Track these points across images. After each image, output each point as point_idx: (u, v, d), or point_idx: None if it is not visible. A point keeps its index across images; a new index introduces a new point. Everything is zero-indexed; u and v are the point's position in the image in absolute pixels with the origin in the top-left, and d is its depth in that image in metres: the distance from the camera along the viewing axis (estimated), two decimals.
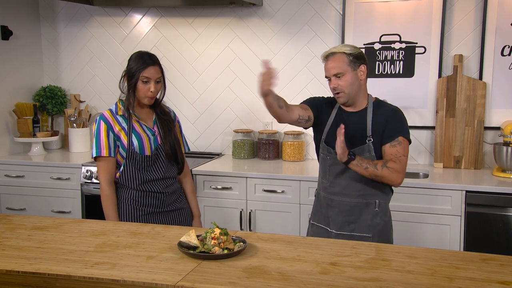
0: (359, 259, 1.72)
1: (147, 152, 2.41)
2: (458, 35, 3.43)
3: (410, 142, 2.30)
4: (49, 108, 4.11)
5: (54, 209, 3.66)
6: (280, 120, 2.32)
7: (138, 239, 1.94)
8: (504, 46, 3.34)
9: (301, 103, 2.43)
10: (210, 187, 3.35)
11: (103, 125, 2.37)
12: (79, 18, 4.17)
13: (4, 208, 3.76)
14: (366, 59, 2.32)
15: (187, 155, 3.93)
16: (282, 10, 3.73)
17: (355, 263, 1.69)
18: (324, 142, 2.38)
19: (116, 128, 2.38)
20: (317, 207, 2.48)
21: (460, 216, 2.95)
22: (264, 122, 3.87)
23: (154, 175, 2.44)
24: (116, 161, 2.41)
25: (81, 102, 4.21)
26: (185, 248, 1.77)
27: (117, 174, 2.42)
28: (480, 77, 3.38)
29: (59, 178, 3.63)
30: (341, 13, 3.60)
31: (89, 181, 3.50)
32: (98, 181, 3.39)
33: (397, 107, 2.35)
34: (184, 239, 1.79)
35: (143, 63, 2.35)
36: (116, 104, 2.45)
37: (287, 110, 2.30)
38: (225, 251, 1.74)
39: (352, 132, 2.30)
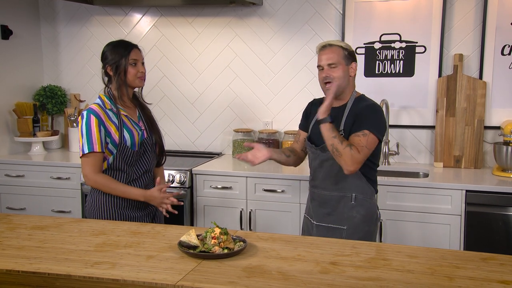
0: (359, 259, 1.73)
1: (137, 147, 2.40)
2: (458, 35, 3.43)
3: (379, 140, 2.30)
4: (49, 108, 4.11)
5: (54, 209, 3.66)
6: (298, 164, 2.66)
7: (138, 239, 1.94)
8: (504, 46, 3.33)
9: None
10: (210, 186, 3.35)
11: (94, 120, 2.30)
12: (79, 18, 4.17)
13: (4, 208, 3.76)
14: (356, 59, 2.43)
15: (188, 154, 3.95)
16: (282, 10, 3.73)
17: (355, 263, 1.69)
18: (307, 139, 2.50)
19: (107, 123, 2.33)
20: (307, 200, 2.59)
21: (460, 215, 2.95)
22: (264, 121, 3.87)
23: (140, 169, 2.43)
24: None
25: (81, 101, 4.21)
26: (185, 247, 1.77)
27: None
28: (480, 77, 3.38)
29: (59, 178, 3.63)
30: (341, 12, 3.60)
31: None
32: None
33: (375, 103, 2.38)
34: (184, 238, 1.79)
35: (126, 48, 2.38)
36: (101, 98, 2.39)
37: (294, 154, 2.59)
38: (225, 251, 1.74)
39: None
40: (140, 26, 4.06)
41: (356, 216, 2.37)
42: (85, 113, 2.33)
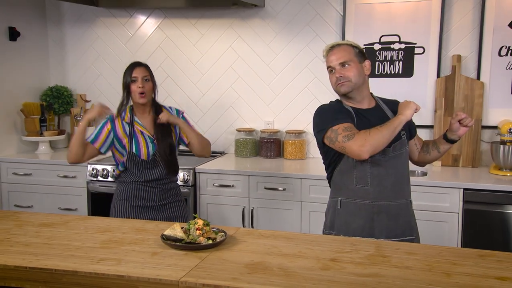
0: (358, 256, 1.73)
1: (144, 157, 2.57)
2: (456, 36, 3.42)
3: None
4: (55, 108, 4.12)
5: (61, 207, 3.67)
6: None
7: (143, 236, 1.95)
8: (502, 47, 3.33)
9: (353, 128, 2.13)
10: (213, 184, 3.36)
11: (108, 125, 2.59)
12: (84, 19, 4.17)
13: (12, 206, 3.77)
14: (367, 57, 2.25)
15: (192, 153, 3.94)
16: (284, 11, 3.73)
17: (355, 259, 1.69)
18: None
19: (120, 133, 2.58)
20: (343, 216, 2.18)
21: (458, 213, 2.94)
22: (266, 121, 3.87)
23: (152, 175, 2.61)
24: (114, 159, 2.67)
25: (87, 101, 4.22)
26: (172, 241, 1.80)
27: (117, 171, 2.67)
28: (478, 77, 3.38)
29: (65, 176, 3.64)
30: (342, 14, 3.60)
31: (95, 179, 3.51)
32: (103, 178, 3.49)
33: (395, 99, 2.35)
34: (168, 232, 1.83)
35: (130, 68, 2.60)
36: (125, 111, 2.64)
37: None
38: (210, 241, 1.80)
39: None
40: (144, 28, 4.06)
41: (415, 221, 2.26)
42: (108, 116, 2.60)
